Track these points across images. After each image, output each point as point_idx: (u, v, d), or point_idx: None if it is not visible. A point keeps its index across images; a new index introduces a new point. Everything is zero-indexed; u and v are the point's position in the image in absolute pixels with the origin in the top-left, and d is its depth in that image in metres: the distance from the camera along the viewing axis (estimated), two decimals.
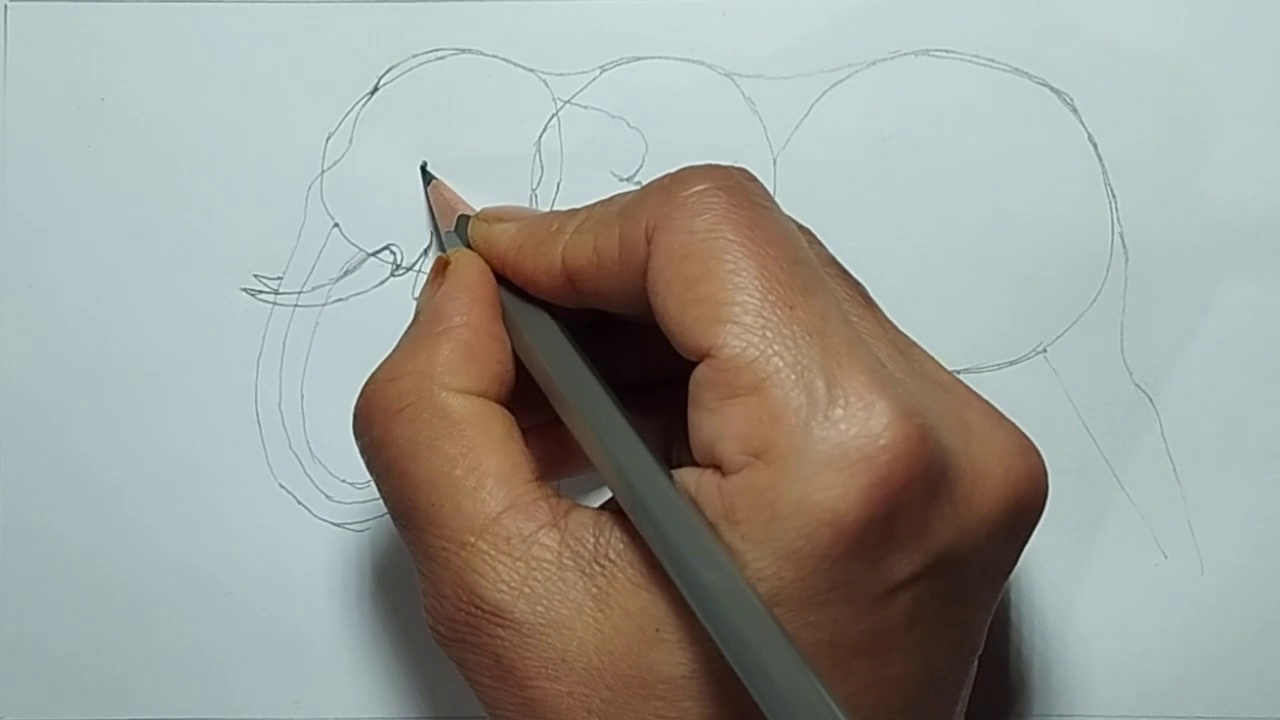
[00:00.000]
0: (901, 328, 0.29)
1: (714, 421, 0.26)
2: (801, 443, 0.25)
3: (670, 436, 0.31)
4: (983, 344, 0.35)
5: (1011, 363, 0.35)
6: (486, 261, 0.31)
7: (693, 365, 0.26)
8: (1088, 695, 0.35)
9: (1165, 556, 0.35)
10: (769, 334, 0.25)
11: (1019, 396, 0.29)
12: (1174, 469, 0.35)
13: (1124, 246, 0.35)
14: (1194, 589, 0.35)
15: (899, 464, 0.25)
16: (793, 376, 0.25)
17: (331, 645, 0.36)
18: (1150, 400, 0.35)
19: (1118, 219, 0.35)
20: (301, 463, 0.36)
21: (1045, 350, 0.35)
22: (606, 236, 0.28)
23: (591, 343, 0.30)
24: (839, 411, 0.25)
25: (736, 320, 0.26)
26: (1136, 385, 0.35)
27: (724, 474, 0.26)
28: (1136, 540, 0.35)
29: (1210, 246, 0.35)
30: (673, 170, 0.28)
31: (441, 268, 0.31)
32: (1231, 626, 0.35)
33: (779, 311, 0.26)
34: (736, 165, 0.28)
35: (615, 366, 0.31)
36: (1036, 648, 0.36)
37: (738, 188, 0.27)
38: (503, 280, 0.31)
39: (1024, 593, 0.36)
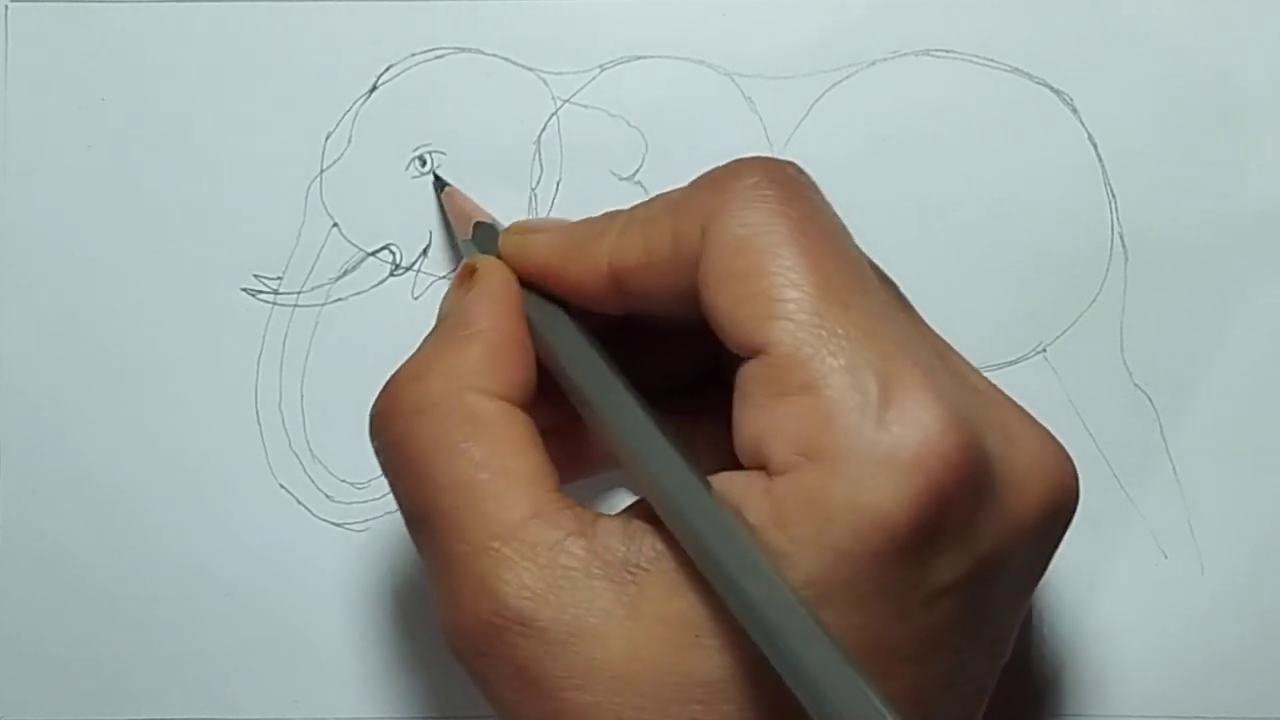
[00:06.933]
0: None
1: (763, 419, 0.25)
2: (854, 444, 0.24)
3: (692, 442, 0.31)
4: (982, 344, 0.35)
5: (1011, 362, 0.35)
6: (519, 271, 0.30)
7: (736, 362, 0.26)
8: (1087, 695, 0.35)
9: (1165, 556, 0.35)
10: (823, 333, 0.25)
11: (1019, 396, 0.28)
12: (1174, 469, 0.35)
13: (1124, 246, 0.35)
14: (1194, 589, 0.35)
15: (950, 469, 0.24)
16: (847, 377, 0.25)
17: (331, 645, 0.36)
18: (1150, 400, 0.35)
19: (1117, 219, 0.35)
20: (301, 463, 0.36)
21: (1045, 350, 0.35)
22: (657, 233, 0.28)
23: (613, 349, 0.29)
24: (892, 414, 0.25)
25: (791, 318, 0.25)
26: (1136, 385, 0.35)
27: (771, 474, 0.25)
28: (1136, 540, 0.35)
29: (1210, 246, 0.35)
30: (723, 163, 0.28)
31: (468, 274, 0.30)
32: (1231, 626, 0.35)
33: (834, 310, 0.25)
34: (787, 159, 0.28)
35: (638, 372, 0.31)
36: (1036, 648, 0.35)
37: (790, 181, 0.27)
38: (526, 288, 0.30)
39: None
